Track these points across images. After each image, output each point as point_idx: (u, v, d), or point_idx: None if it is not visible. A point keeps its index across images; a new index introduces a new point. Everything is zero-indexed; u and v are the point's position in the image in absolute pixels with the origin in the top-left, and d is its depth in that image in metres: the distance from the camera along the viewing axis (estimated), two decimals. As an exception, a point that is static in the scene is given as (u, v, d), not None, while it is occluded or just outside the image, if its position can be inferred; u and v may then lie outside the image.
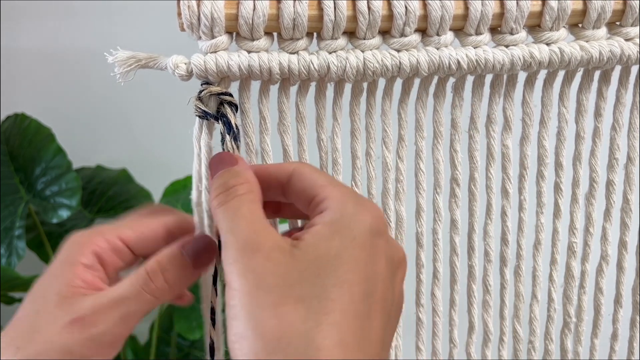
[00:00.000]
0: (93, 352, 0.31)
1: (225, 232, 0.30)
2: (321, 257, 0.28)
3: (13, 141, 0.92)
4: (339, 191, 0.31)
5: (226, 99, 0.35)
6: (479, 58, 0.36)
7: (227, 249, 0.29)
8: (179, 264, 0.34)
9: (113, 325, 0.32)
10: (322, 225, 0.30)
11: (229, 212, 0.30)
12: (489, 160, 0.42)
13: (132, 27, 0.98)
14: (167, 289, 0.33)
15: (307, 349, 0.26)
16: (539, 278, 0.46)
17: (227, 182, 0.31)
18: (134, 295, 0.33)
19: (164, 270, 0.33)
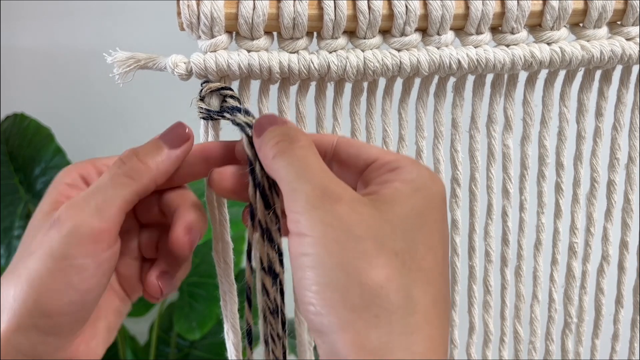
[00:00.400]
0: (73, 249, 0.30)
1: (294, 179, 0.28)
2: (407, 213, 0.28)
3: (13, 141, 0.92)
4: (403, 155, 0.31)
5: (227, 93, 0.35)
6: (479, 57, 0.36)
7: (298, 197, 0.27)
8: (153, 146, 0.33)
9: (89, 216, 0.30)
10: (400, 182, 0.29)
11: (296, 159, 0.29)
12: (490, 160, 0.42)
13: (132, 27, 0.97)
14: (142, 169, 0.32)
15: (407, 302, 0.26)
16: (539, 278, 0.46)
17: (288, 132, 0.30)
18: (108, 180, 0.31)
19: (137, 152, 0.33)
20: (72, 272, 0.30)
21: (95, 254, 0.30)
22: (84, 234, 0.30)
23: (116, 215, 0.31)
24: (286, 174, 0.29)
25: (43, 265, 0.30)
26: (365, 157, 0.31)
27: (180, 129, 0.34)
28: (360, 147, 0.32)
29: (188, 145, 0.34)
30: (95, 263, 0.30)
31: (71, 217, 0.30)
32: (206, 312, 0.87)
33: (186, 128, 0.34)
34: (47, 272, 0.30)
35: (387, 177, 0.30)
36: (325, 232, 0.26)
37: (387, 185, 0.29)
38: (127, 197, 0.31)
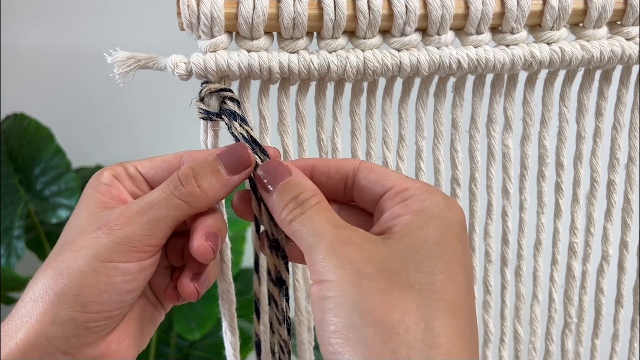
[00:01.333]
0: (120, 255, 0.31)
1: (308, 236, 0.29)
2: (420, 244, 0.28)
3: (12, 141, 0.92)
4: (420, 183, 0.31)
5: (227, 94, 0.35)
6: (479, 57, 0.36)
7: (315, 250, 0.28)
8: (211, 169, 0.32)
9: (140, 229, 0.31)
10: (411, 215, 0.29)
11: (308, 221, 0.30)
12: (490, 160, 0.42)
13: (132, 27, 0.97)
14: (199, 195, 0.32)
15: (427, 335, 0.25)
16: (539, 278, 0.46)
17: (298, 197, 0.31)
18: (164, 199, 0.32)
19: (196, 174, 0.32)
20: (116, 274, 0.31)
21: (140, 261, 0.32)
22: (133, 245, 0.31)
23: (165, 233, 0.32)
24: (303, 235, 0.30)
25: (87, 264, 0.31)
26: (383, 183, 0.31)
27: (243, 154, 0.33)
28: (380, 174, 0.32)
29: (248, 172, 0.33)
30: (138, 268, 0.32)
31: (123, 226, 0.31)
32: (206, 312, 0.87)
33: (249, 153, 0.33)
34: (91, 271, 0.31)
35: (398, 211, 0.30)
36: (339, 275, 0.27)
37: (398, 220, 0.29)
38: (178, 219, 0.32)
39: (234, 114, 0.34)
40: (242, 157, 0.33)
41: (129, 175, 0.35)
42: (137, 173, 0.35)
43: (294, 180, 0.32)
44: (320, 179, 0.33)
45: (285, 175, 0.32)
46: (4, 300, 0.89)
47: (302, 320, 0.43)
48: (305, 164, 0.34)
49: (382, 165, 0.33)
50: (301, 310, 0.43)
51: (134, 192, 0.35)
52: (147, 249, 0.32)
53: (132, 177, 0.35)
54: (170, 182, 0.32)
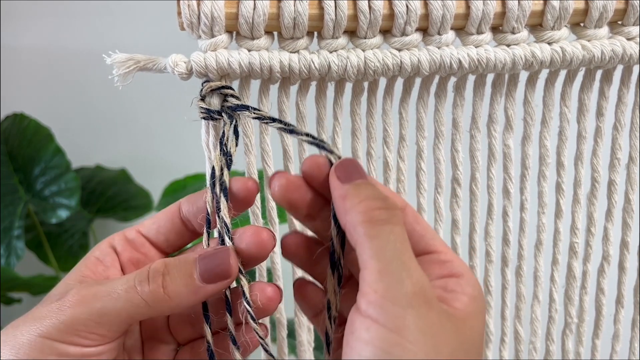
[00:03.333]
0: (60, 335, 0.28)
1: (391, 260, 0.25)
2: (474, 334, 0.27)
3: (12, 141, 0.92)
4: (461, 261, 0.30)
5: (228, 92, 0.35)
6: (480, 57, 0.36)
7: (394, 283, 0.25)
8: (184, 272, 0.29)
9: (88, 315, 0.28)
10: (468, 298, 0.28)
11: (395, 239, 0.26)
12: (490, 160, 0.42)
13: (132, 27, 0.97)
14: (161, 297, 0.29)
15: None
16: (540, 278, 0.46)
17: (388, 201, 0.27)
18: (123, 290, 0.29)
19: (167, 273, 0.29)
20: (52, 353, 0.28)
21: (81, 347, 0.29)
22: (77, 328, 0.29)
23: (118, 326, 0.29)
24: (380, 250, 0.26)
25: (26, 337, 0.29)
26: (429, 242, 0.30)
27: (224, 262, 0.29)
28: (428, 229, 0.30)
29: (226, 283, 0.30)
30: (78, 353, 0.29)
31: (74, 306, 0.29)
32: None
33: (230, 264, 0.29)
34: (28, 345, 0.28)
35: (453, 285, 0.28)
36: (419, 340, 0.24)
37: (456, 297, 0.28)
38: (134, 317, 0.29)
39: (242, 106, 0.34)
40: (221, 266, 0.29)
41: (128, 240, 0.33)
42: (138, 236, 0.33)
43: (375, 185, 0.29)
44: None
45: (364, 177, 0.29)
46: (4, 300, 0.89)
47: (302, 321, 0.43)
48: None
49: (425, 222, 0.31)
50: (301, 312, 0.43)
51: (133, 258, 0.33)
52: (92, 337, 0.29)
53: (131, 241, 0.33)
54: (139, 273, 0.30)
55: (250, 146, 0.37)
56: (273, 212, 0.40)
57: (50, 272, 0.97)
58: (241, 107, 0.34)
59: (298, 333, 0.43)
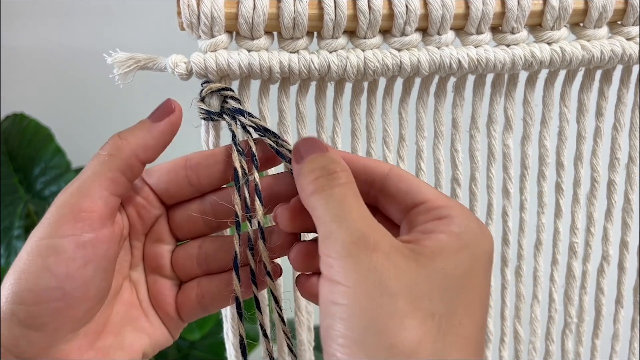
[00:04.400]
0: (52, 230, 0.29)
1: (330, 220, 0.27)
2: (449, 271, 0.26)
3: (12, 141, 0.92)
4: (456, 203, 0.29)
5: (228, 94, 0.35)
6: (480, 57, 0.36)
7: (333, 241, 0.26)
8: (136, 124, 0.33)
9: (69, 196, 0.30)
10: (447, 235, 0.27)
11: (334, 200, 0.27)
12: (490, 160, 0.42)
13: (132, 27, 0.97)
14: (120, 143, 0.31)
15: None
16: (540, 278, 0.46)
17: (327, 166, 0.29)
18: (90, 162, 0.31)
19: (120, 132, 0.32)
20: (48, 253, 0.28)
21: (75, 234, 0.29)
22: (64, 213, 0.29)
23: (98, 193, 0.30)
24: (322, 214, 0.27)
25: (27, 248, 0.29)
26: (415, 195, 0.30)
27: (166, 102, 0.33)
28: (412, 184, 0.30)
29: (172, 117, 0.32)
30: (73, 244, 0.29)
31: (57, 200, 0.30)
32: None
33: (172, 102, 0.33)
34: (26, 255, 0.28)
35: (433, 226, 0.28)
36: (358, 283, 0.25)
37: (432, 236, 0.27)
38: (108, 175, 0.31)
39: (239, 110, 0.34)
40: (165, 104, 0.33)
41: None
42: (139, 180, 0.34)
43: (329, 155, 0.30)
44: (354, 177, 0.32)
45: (322, 150, 0.30)
46: (4, 300, 0.89)
47: (302, 321, 0.43)
48: None
49: (413, 175, 0.31)
50: (301, 311, 0.43)
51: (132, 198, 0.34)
52: (81, 217, 0.29)
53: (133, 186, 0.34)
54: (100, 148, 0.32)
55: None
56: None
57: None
58: (238, 112, 0.34)
59: (298, 332, 0.43)
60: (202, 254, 0.35)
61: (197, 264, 0.35)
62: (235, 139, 0.34)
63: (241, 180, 0.33)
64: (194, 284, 0.35)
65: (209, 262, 0.35)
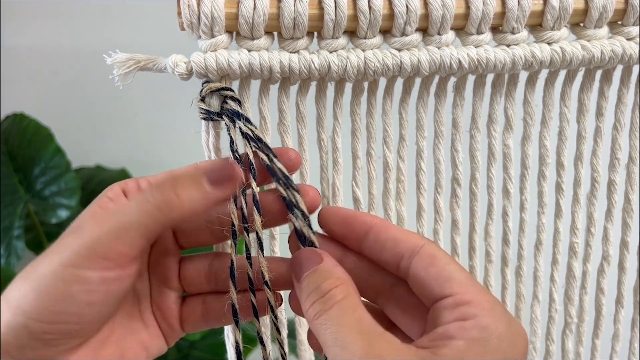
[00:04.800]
0: (82, 260, 0.29)
1: (333, 345, 0.26)
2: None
3: (12, 141, 0.92)
4: (486, 299, 0.27)
5: (227, 94, 0.35)
6: (480, 57, 0.36)
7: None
8: (192, 179, 0.30)
9: (106, 233, 0.29)
10: (466, 343, 0.25)
11: (331, 324, 0.27)
12: (490, 160, 0.42)
13: (132, 27, 0.97)
14: (175, 203, 0.30)
15: None
16: (540, 278, 0.46)
17: (320, 287, 0.28)
18: (136, 204, 0.30)
19: (176, 182, 0.30)
20: (73, 281, 0.29)
21: (102, 269, 0.29)
22: (97, 249, 0.29)
23: (135, 242, 0.30)
24: (324, 340, 0.27)
25: (49, 268, 0.29)
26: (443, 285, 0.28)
27: (228, 167, 0.31)
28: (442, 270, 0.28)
29: (232, 186, 0.31)
30: (99, 278, 0.29)
31: (90, 230, 0.29)
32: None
33: (234, 168, 0.31)
34: (51, 275, 0.29)
35: (454, 330, 0.26)
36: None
37: (451, 344, 0.26)
38: (150, 227, 0.30)
39: (237, 113, 0.34)
40: (227, 171, 0.31)
41: (140, 189, 0.33)
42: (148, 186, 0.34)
43: (321, 269, 0.29)
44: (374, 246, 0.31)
45: (315, 262, 0.30)
46: (4, 300, 0.89)
47: (302, 321, 0.43)
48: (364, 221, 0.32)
49: (447, 255, 0.30)
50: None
51: None
52: (112, 257, 0.29)
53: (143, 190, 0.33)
54: (149, 187, 0.31)
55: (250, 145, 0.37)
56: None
57: (50, 272, 0.97)
58: (236, 115, 0.34)
59: (298, 332, 0.43)
60: (213, 272, 0.35)
61: (206, 281, 0.35)
62: (233, 145, 0.34)
63: (237, 189, 0.33)
64: (200, 300, 0.35)
65: (218, 280, 0.35)
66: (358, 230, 0.32)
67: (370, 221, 0.32)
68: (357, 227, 0.32)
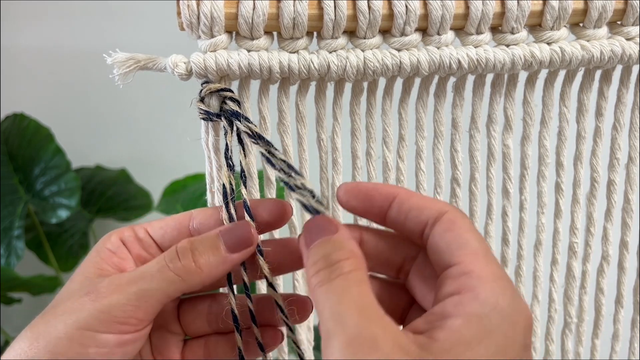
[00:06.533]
0: (100, 324, 0.29)
1: (329, 318, 0.25)
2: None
3: (12, 141, 0.92)
4: (491, 271, 0.26)
5: (227, 94, 0.35)
6: (479, 57, 0.36)
7: (332, 340, 0.24)
8: (211, 245, 0.31)
9: (126, 299, 0.30)
10: (464, 321, 0.24)
11: (334, 294, 0.26)
12: (490, 160, 0.42)
13: (132, 27, 0.97)
14: (193, 270, 0.31)
15: None
16: (539, 278, 0.46)
17: (330, 256, 0.27)
18: (157, 270, 0.30)
19: (195, 249, 0.31)
20: (90, 344, 0.29)
21: (120, 334, 0.30)
22: (116, 314, 0.30)
23: (153, 308, 0.31)
24: (322, 310, 0.26)
25: (64, 330, 0.29)
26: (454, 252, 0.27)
27: (245, 232, 0.32)
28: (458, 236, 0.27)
29: (249, 250, 0.32)
30: (116, 342, 0.30)
31: (110, 294, 0.30)
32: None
33: (251, 232, 0.32)
34: (66, 338, 0.29)
35: (450, 308, 0.25)
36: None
37: (447, 323, 0.25)
38: (170, 294, 0.31)
39: (236, 113, 0.34)
40: (244, 236, 0.31)
41: (138, 238, 0.34)
42: (146, 236, 0.34)
43: (335, 239, 0.28)
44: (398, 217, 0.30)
45: (330, 232, 0.29)
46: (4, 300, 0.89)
47: (302, 320, 0.43)
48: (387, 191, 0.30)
49: (469, 223, 0.28)
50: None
51: (141, 255, 0.34)
52: (131, 322, 0.30)
53: (140, 240, 0.34)
54: (167, 254, 0.31)
55: (250, 146, 0.37)
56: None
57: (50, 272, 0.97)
58: (235, 115, 0.34)
59: (298, 332, 0.43)
60: (213, 313, 0.35)
61: (207, 323, 0.35)
62: (228, 152, 0.34)
63: (228, 196, 0.33)
64: (202, 342, 0.35)
65: (219, 322, 0.35)
66: (380, 202, 0.31)
67: (393, 192, 0.30)
68: (379, 199, 0.31)
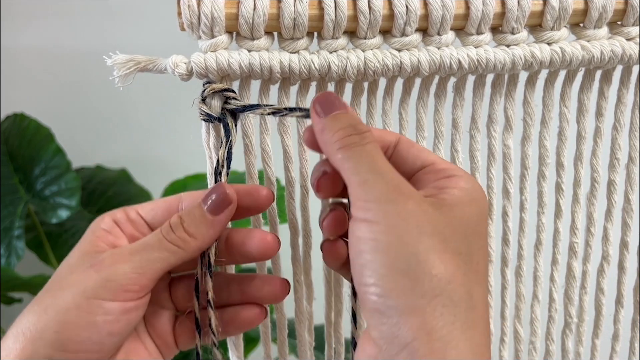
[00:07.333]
0: (106, 292, 0.31)
1: (367, 171, 0.29)
2: (465, 219, 0.30)
3: (12, 141, 0.92)
4: (457, 166, 0.33)
5: (230, 94, 0.35)
6: (480, 58, 0.36)
7: (372, 187, 0.28)
8: (196, 214, 0.34)
9: (130, 267, 0.32)
10: (459, 190, 0.30)
11: (366, 155, 0.30)
12: (490, 160, 0.42)
13: (132, 27, 0.97)
14: (188, 239, 0.33)
15: (469, 298, 0.28)
16: (540, 278, 0.46)
17: (357, 126, 0.31)
18: (156, 241, 0.33)
19: (183, 221, 0.33)
20: (98, 312, 0.31)
21: (124, 301, 0.32)
22: (121, 282, 0.32)
23: (155, 275, 0.33)
24: (357, 165, 0.29)
25: (72, 300, 0.31)
26: (424, 159, 0.33)
27: (221, 193, 0.34)
28: (421, 150, 0.33)
29: (231, 209, 0.34)
30: (121, 309, 0.32)
31: (114, 264, 0.32)
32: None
33: (227, 192, 0.34)
34: (75, 308, 0.31)
35: (444, 183, 0.31)
36: (398, 223, 0.28)
37: (446, 191, 0.31)
38: (171, 262, 0.33)
39: (242, 107, 0.35)
40: (221, 197, 0.34)
41: (130, 219, 0.36)
42: (138, 217, 0.36)
43: (352, 113, 0.32)
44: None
45: (342, 107, 0.32)
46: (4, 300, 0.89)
47: (302, 321, 0.43)
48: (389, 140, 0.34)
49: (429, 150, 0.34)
50: (301, 311, 0.43)
51: (133, 235, 0.35)
52: (134, 288, 0.32)
53: (132, 221, 0.36)
54: (163, 228, 0.34)
55: (250, 146, 0.38)
56: (273, 212, 0.40)
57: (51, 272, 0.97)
58: (242, 108, 0.35)
59: (298, 333, 0.43)
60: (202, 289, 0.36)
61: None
62: (218, 167, 0.35)
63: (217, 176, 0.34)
64: (192, 316, 0.36)
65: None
66: None
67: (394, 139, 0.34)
68: None
